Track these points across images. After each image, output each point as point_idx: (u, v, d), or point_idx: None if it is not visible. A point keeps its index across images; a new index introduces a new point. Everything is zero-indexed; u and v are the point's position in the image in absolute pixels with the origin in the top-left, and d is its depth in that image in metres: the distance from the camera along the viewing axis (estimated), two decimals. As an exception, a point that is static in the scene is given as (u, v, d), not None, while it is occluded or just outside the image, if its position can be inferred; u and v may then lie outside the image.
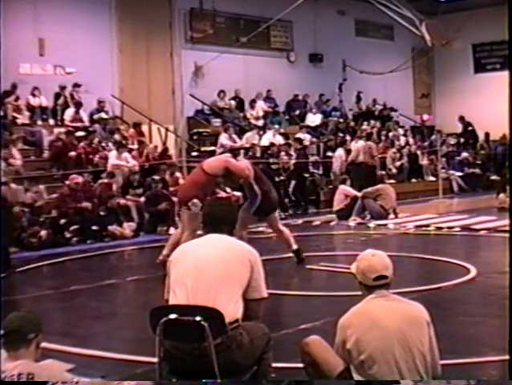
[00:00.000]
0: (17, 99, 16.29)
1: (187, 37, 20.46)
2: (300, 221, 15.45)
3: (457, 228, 13.19)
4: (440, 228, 13.36)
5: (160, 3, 19.76)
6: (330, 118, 22.31)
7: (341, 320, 4.02)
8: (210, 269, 4.12)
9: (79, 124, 16.78)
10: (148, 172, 15.56)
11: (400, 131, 23.62)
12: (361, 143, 17.97)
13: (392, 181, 19.24)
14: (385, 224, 14.23)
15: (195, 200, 8.90)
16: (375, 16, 22.42)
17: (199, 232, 8.55)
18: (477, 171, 22.69)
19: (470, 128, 24.79)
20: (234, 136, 18.91)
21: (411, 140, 23.13)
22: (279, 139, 19.24)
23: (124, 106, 18.56)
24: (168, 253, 8.82)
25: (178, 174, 15.72)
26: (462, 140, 24.03)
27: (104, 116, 17.37)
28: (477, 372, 5.12)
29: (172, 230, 11.71)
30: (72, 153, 15.13)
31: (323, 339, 4.16)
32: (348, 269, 4.26)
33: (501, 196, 16.25)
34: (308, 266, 9.68)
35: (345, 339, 3.94)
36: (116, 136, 16.85)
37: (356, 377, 3.90)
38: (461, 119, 24.89)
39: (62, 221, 12.90)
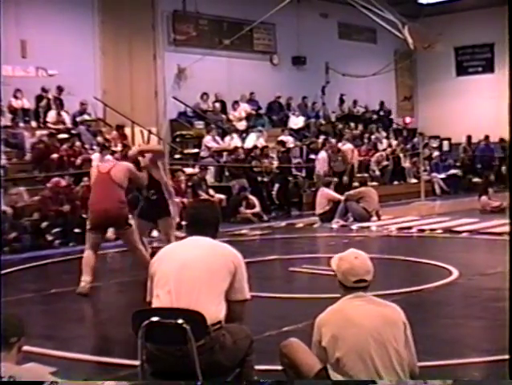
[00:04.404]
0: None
1: (170, 39, 20.43)
2: (283, 224, 15.45)
3: (439, 231, 13.22)
4: (422, 231, 13.40)
5: (143, 5, 19.72)
6: (312, 119, 22.35)
7: (318, 318, 4.08)
8: (193, 271, 4.11)
9: (61, 127, 16.71)
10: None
11: (383, 133, 23.69)
12: (349, 146, 17.84)
13: (374, 184, 19.31)
14: (368, 227, 14.26)
15: (130, 216, 8.75)
16: (358, 19, 22.46)
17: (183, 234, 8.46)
18: (459, 173, 22.79)
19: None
20: (218, 138, 18.92)
21: (393, 143, 23.21)
22: (262, 142, 19.24)
23: (107, 108, 18.50)
24: (91, 279, 8.24)
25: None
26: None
27: (87, 118, 17.31)
28: (459, 374, 5.14)
29: (155, 233, 11.61)
30: (54, 155, 15.08)
31: (300, 341, 4.19)
32: (331, 271, 4.26)
33: (483, 198, 16.34)
34: (291, 269, 9.70)
35: (321, 337, 3.98)
36: (99, 139, 16.80)
37: (333, 375, 3.93)
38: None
39: (44, 224, 12.85)
